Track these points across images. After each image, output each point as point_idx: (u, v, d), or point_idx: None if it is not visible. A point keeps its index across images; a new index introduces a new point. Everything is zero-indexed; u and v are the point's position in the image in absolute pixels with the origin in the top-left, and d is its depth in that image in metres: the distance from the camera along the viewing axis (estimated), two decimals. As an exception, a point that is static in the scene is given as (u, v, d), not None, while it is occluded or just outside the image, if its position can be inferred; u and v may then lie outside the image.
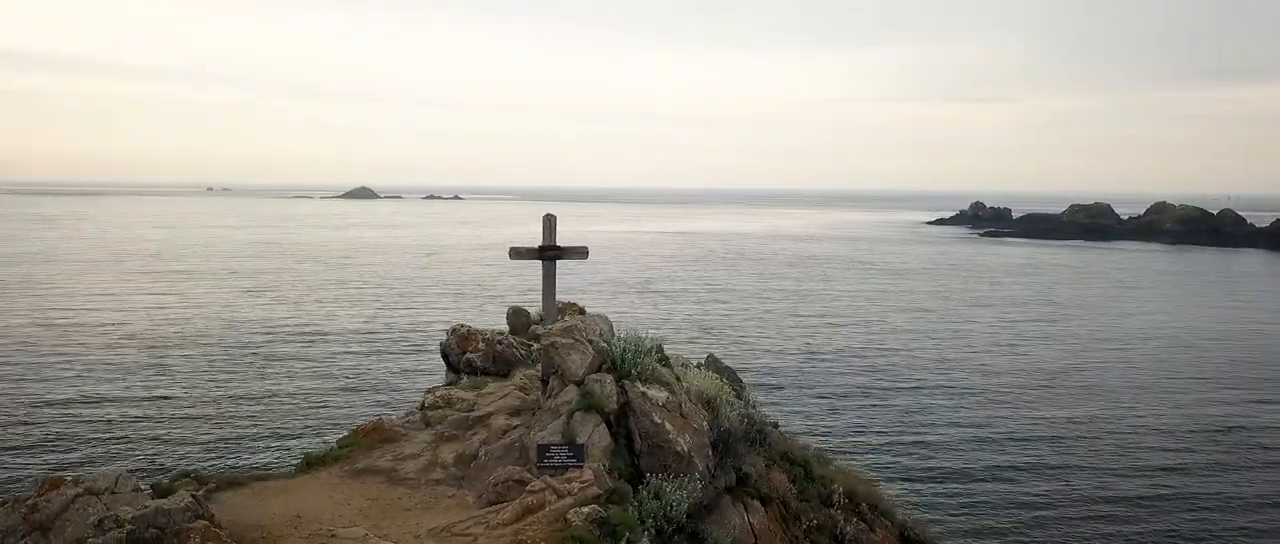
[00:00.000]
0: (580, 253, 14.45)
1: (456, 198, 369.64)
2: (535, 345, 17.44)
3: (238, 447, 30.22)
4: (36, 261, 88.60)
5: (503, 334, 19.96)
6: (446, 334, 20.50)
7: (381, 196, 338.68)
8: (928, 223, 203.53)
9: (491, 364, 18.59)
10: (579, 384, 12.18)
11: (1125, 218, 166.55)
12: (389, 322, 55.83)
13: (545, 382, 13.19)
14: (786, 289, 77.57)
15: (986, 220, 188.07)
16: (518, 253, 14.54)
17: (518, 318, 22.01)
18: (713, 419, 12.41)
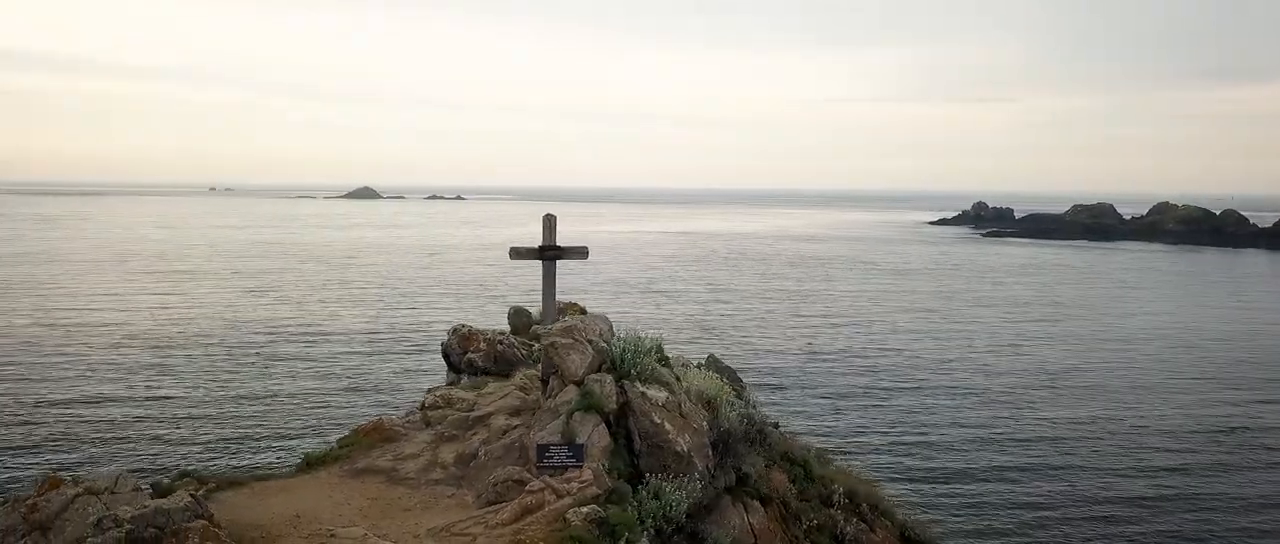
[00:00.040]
0: (580, 253, 14.44)
1: (459, 198, 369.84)
2: (536, 345, 17.40)
3: (240, 447, 30.26)
4: (39, 261, 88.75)
5: (504, 334, 19.92)
6: (448, 334, 20.47)
7: (384, 197, 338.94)
8: (930, 223, 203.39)
9: (493, 364, 18.54)
10: (579, 384, 12.16)
11: (1128, 218, 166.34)
12: (391, 322, 55.87)
13: (545, 382, 13.17)
14: (789, 289, 77.52)
15: (989, 220, 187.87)
16: (518, 253, 14.55)
17: (519, 318, 21.97)
18: (712, 419, 12.39)
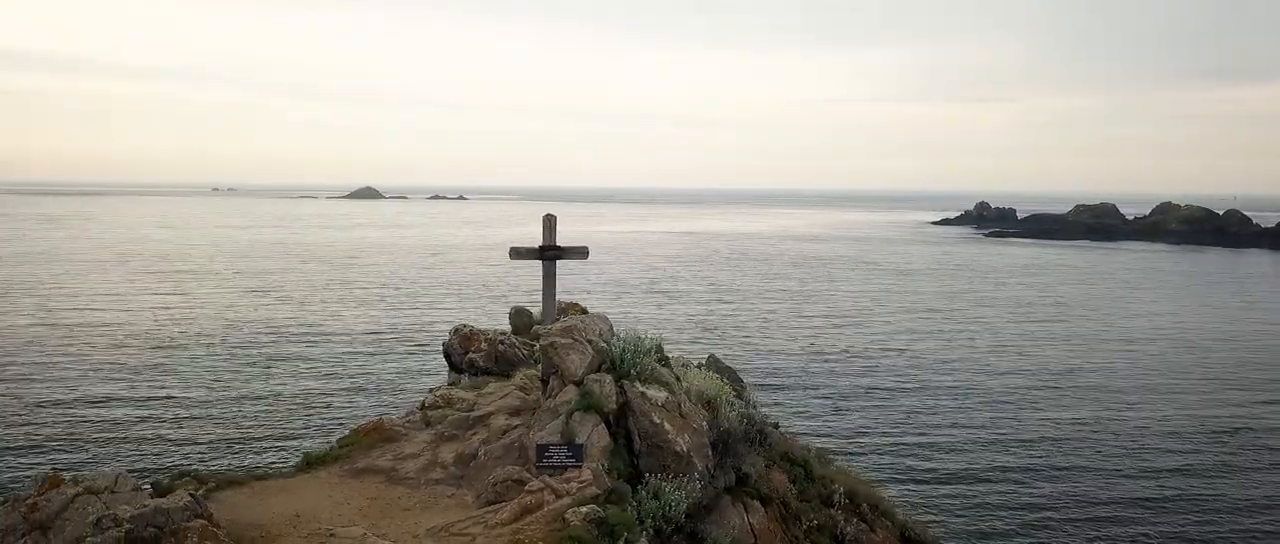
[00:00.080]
0: (580, 253, 14.43)
1: (462, 198, 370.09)
2: (537, 345, 17.38)
3: (243, 447, 30.28)
4: (42, 261, 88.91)
5: (505, 334, 19.90)
6: (449, 334, 20.46)
7: (387, 197, 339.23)
8: (933, 223, 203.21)
9: (494, 364, 18.52)
10: (578, 384, 12.15)
11: (1130, 218, 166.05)
12: (394, 322, 55.89)
13: (545, 382, 13.16)
14: (791, 289, 77.46)
15: (991, 220, 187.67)
16: (518, 253, 14.53)
17: (520, 318, 21.94)
18: (712, 419, 12.37)
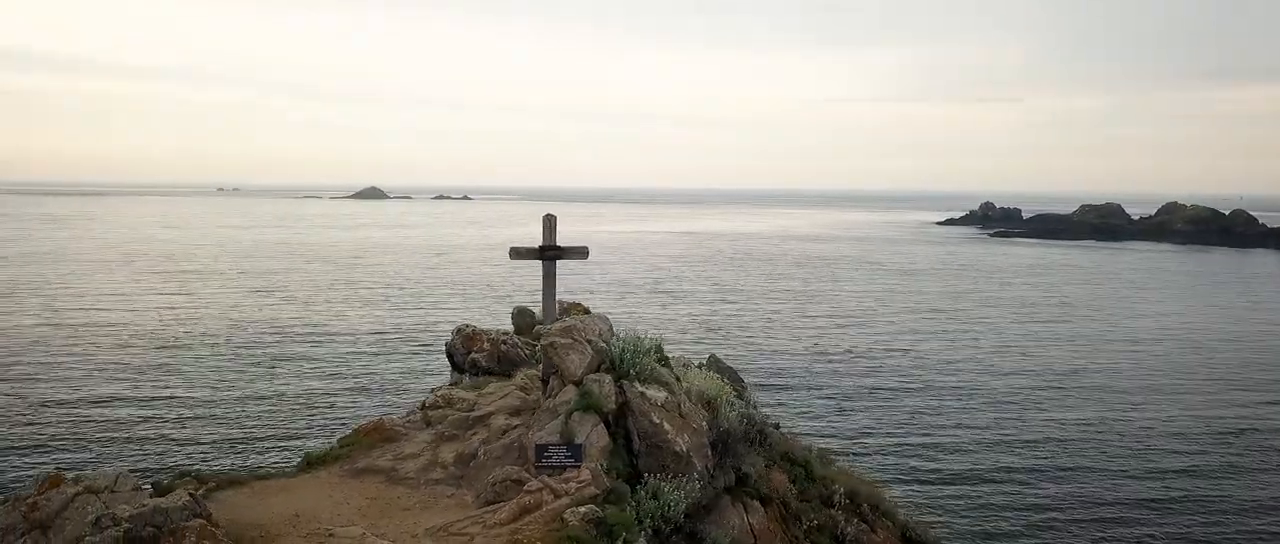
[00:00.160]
0: (580, 253, 14.40)
1: (466, 198, 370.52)
2: (538, 345, 17.36)
3: (246, 447, 30.32)
4: (47, 261, 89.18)
5: (508, 334, 19.88)
6: (452, 334, 20.46)
7: (391, 197, 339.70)
8: (937, 223, 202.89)
9: (496, 364, 18.50)
10: (577, 384, 12.13)
11: (1136, 218, 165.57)
12: (397, 322, 55.94)
13: (545, 382, 13.14)
14: (794, 289, 77.37)
15: (996, 220, 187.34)
16: (518, 253, 14.51)
17: (523, 318, 21.92)
18: (712, 419, 12.34)
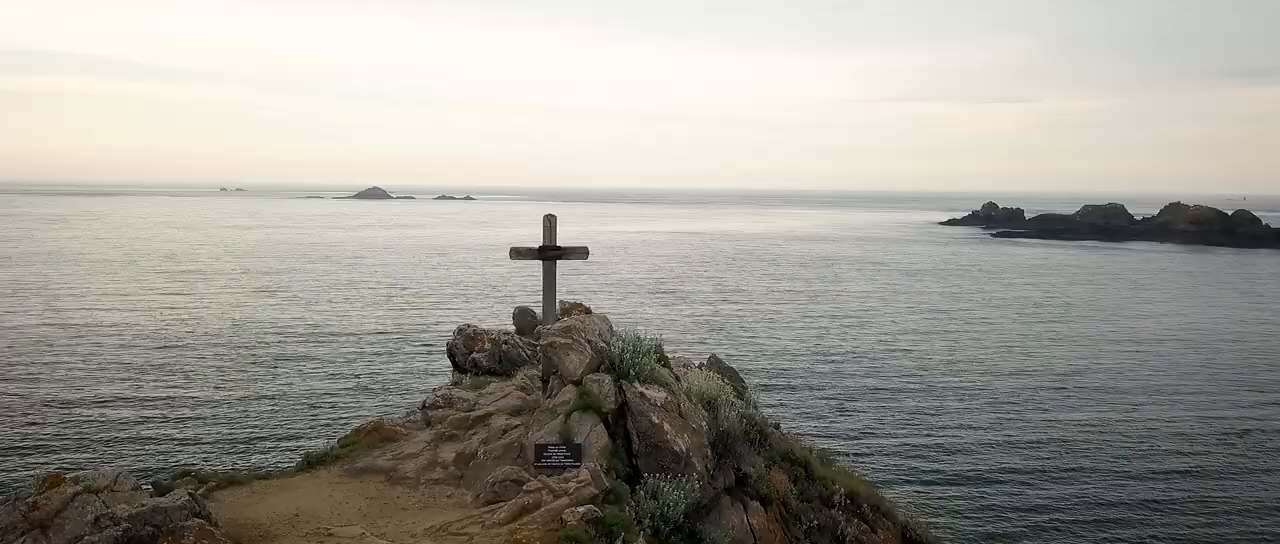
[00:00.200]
0: (580, 253, 14.40)
1: (469, 198, 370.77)
2: (539, 345, 17.36)
3: (248, 447, 30.35)
4: (50, 261, 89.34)
5: (509, 334, 19.90)
6: (453, 334, 20.48)
7: (394, 197, 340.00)
8: (940, 223, 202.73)
9: (497, 364, 18.53)
10: (577, 384, 12.12)
11: (1139, 218, 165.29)
12: (400, 322, 55.98)
13: (545, 382, 13.14)
14: (797, 290, 77.31)
15: (999, 221, 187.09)
16: (518, 253, 14.51)
17: (524, 318, 21.93)
18: (712, 419, 12.33)
